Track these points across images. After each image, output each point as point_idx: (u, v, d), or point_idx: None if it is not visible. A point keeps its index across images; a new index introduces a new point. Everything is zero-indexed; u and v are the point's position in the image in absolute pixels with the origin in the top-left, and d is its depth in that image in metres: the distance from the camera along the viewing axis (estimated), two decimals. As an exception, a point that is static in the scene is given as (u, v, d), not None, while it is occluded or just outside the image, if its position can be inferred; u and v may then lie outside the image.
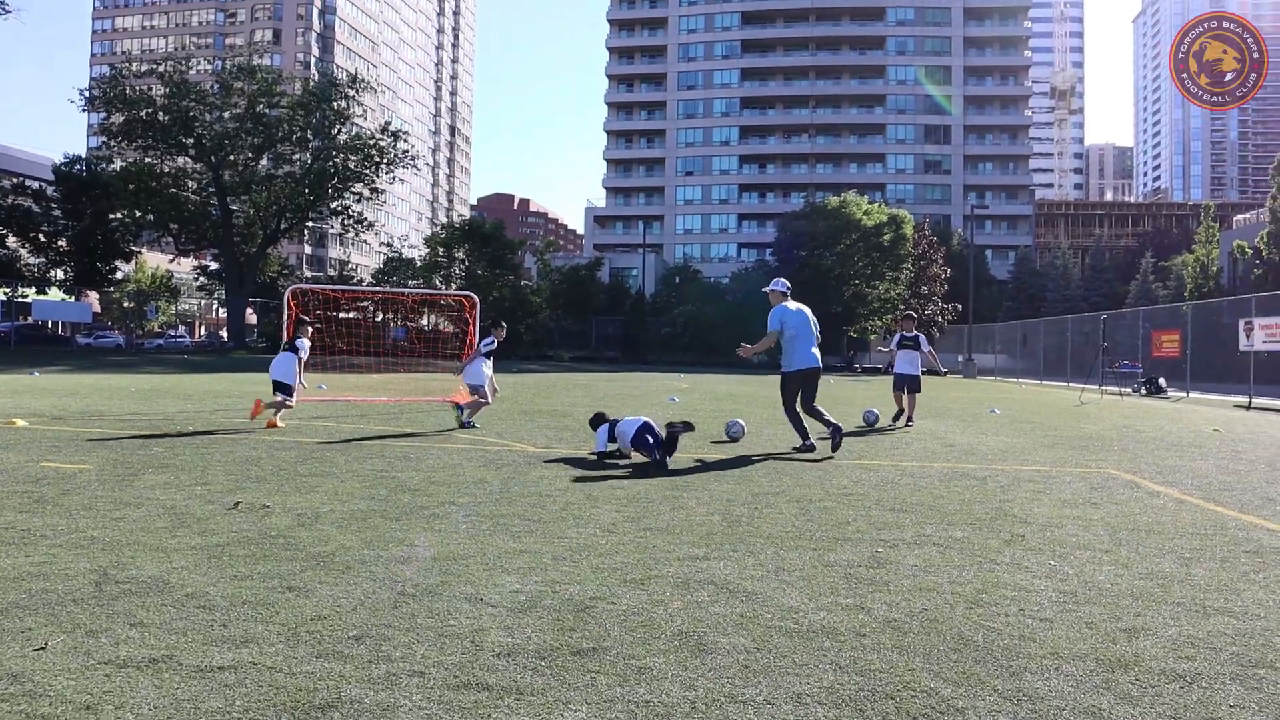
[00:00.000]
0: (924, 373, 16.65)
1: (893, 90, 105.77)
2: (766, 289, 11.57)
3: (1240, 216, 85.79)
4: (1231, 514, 7.19)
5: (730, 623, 4.01)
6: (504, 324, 14.17)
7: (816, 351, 11.26)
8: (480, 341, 13.56)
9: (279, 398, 12.47)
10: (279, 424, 12.35)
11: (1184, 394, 29.93)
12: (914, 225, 64.38)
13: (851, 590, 4.61)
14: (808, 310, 11.39)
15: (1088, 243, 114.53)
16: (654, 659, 3.54)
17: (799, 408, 11.07)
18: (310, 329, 13.18)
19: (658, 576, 4.79)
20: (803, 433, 10.86)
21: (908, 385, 15.79)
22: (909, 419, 15.42)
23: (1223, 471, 9.90)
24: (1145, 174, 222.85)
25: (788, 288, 11.55)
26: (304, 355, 12.82)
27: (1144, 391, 31.32)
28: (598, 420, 10.31)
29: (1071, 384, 36.72)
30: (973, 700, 3.22)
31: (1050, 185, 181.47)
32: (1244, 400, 25.53)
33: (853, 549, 5.57)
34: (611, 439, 9.80)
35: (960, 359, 54.98)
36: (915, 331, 16.60)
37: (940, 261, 65.62)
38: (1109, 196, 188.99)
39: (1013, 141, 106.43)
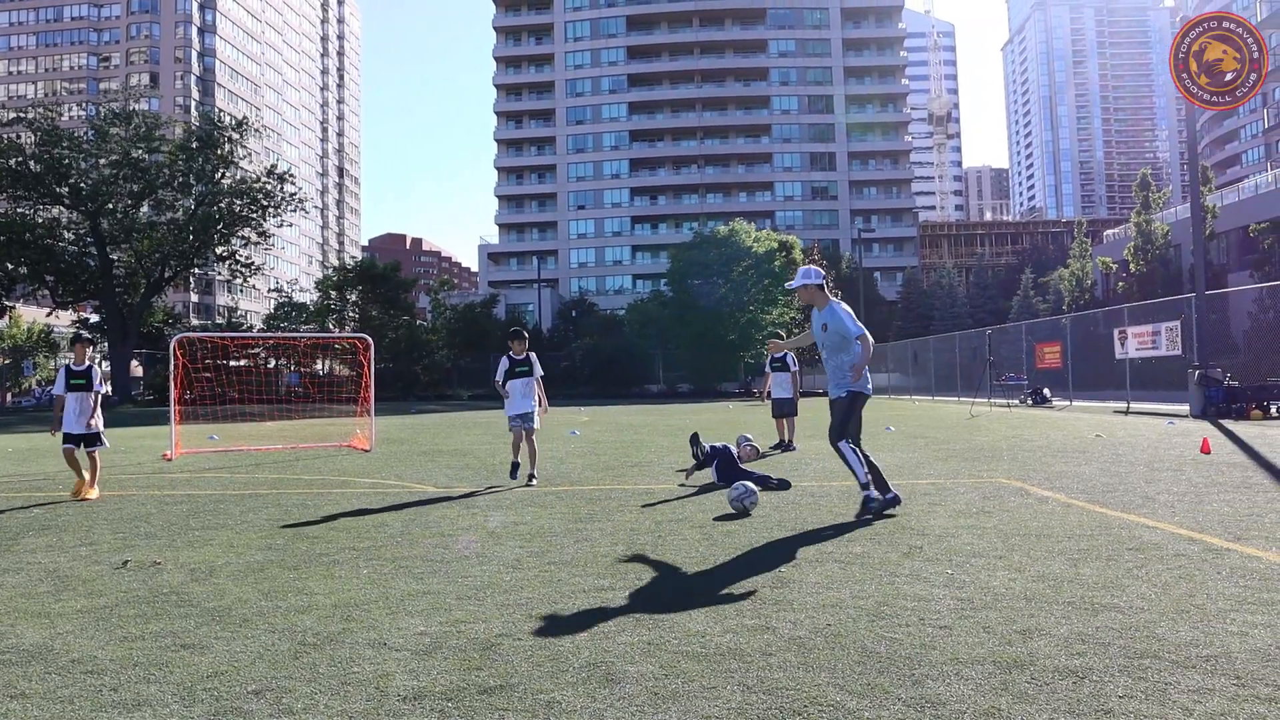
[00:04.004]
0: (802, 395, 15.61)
1: (778, 120, 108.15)
2: (798, 284, 8.28)
3: (1109, 231, 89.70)
4: (1115, 514, 7.49)
5: (638, 651, 4.01)
6: (524, 333, 11.53)
7: None
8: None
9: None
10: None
11: (1067, 403, 31.06)
12: (803, 250, 65.73)
13: (756, 611, 4.65)
14: None
15: (971, 261, 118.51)
16: (562, 692, 3.51)
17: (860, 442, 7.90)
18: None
19: (564, 609, 4.77)
20: (879, 480, 7.72)
21: (784, 410, 15.18)
22: (789, 444, 14.81)
23: (1105, 474, 10.30)
24: (1021, 194, 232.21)
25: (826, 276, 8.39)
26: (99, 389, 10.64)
27: (1030, 402, 32.43)
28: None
29: (962, 398, 37.79)
30: (878, 710, 3.28)
31: (933, 207, 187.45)
32: (1122, 405, 26.63)
33: (756, 570, 5.63)
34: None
35: (855, 379, 56.06)
36: (784, 352, 14.95)
37: (831, 285, 67.09)
38: (988, 216, 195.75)
39: (895, 166, 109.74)
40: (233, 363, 45.17)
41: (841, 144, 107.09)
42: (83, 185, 54.83)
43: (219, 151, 58.49)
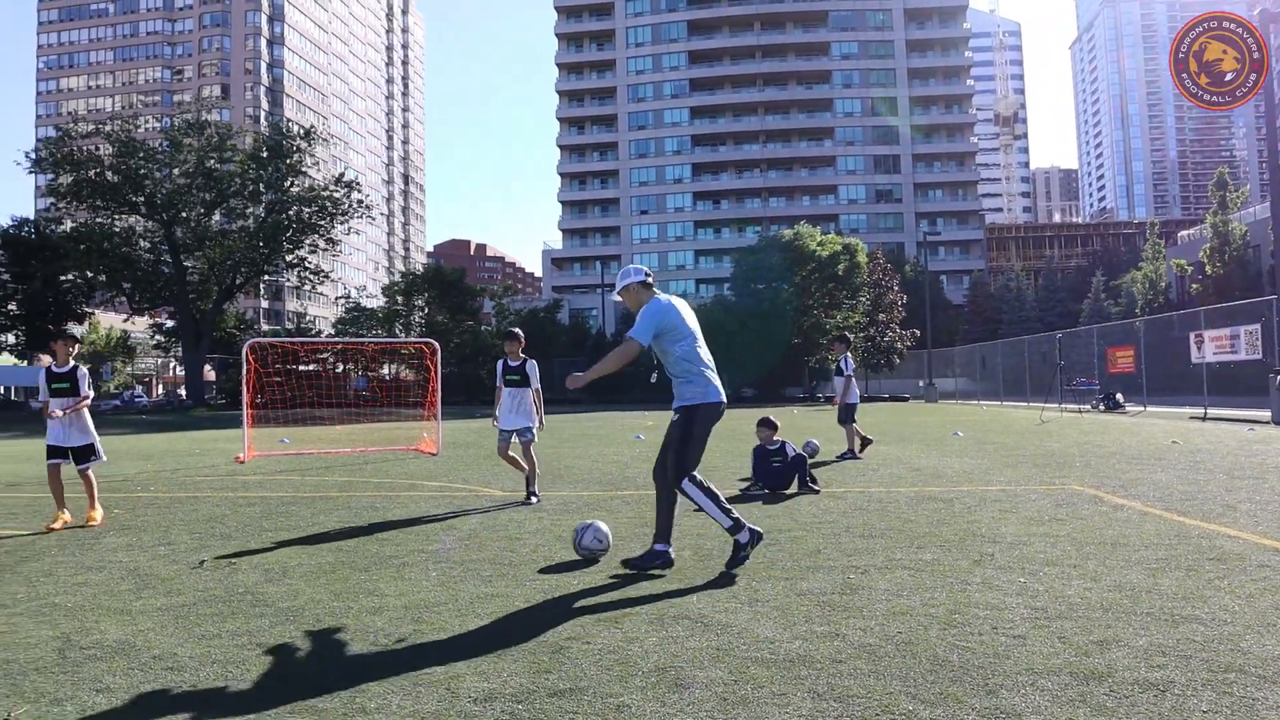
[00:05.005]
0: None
1: (841, 123, 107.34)
2: (619, 286, 6.27)
3: (1184, 233, 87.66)
4: (1194, 523, 7.29)
5: (706, 656, 4.00)
6: (519, 334, 9.93)
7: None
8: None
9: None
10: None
11: (1141, 408, 30.35)
12: (868, 254, 65.09)
13: (825, 618, 4.61)
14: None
15: (1039, 264, 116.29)
16: (631, 696, 3.51)
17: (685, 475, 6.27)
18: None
19: (632, 613, 4.77)
20: (667, 527, 6.14)
21: (838, 416, 14.48)
22: (849, 451, 14.08)
23: (1183, 482, 10.04)
24: (1091, 195, 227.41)
25: (649, 275, 6.33)
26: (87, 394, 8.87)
27: (1102, 407, 31.74)
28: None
29: (1031, 403, 37.11)
30: (951, 720, 3.23)
31: (1000, 210, 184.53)
32: (1199, 411, 25.93)
33: (825, 576, 5.58)
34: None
35: (921, 384, 55.47)
36: (842, 354, 14.62)
37: (896, 289, 66.24)
38: (1057, 218, 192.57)
39: (960, 168, 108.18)
40: (302, 367, 45.98)
41: (906, 146, 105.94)
42: (158, 195, 56.43)
43: (288, 160, 59.76)
